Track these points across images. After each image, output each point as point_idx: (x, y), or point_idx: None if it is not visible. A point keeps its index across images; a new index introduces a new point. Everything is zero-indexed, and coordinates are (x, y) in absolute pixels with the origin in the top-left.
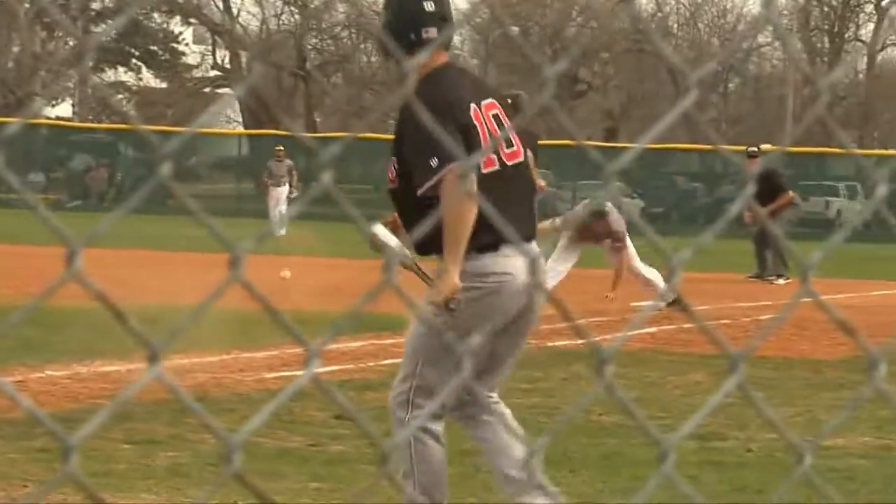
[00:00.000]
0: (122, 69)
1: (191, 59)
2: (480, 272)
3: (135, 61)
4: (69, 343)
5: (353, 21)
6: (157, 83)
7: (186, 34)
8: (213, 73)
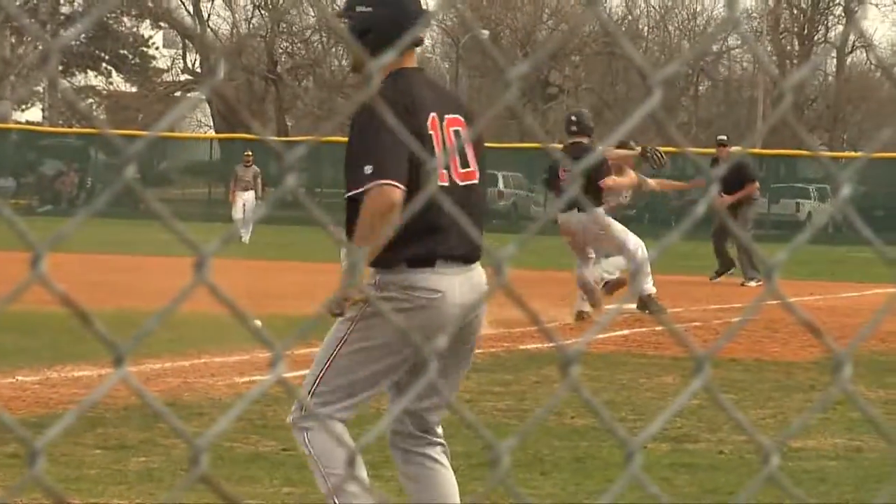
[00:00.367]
0: (92, 73)
1: (161, 63)
2: (408, 286)
3: (105, 65)
4: (40, 348)
5: (324, 24)
6: (128, 87)
7: (156, 38)
8: (184, 77)
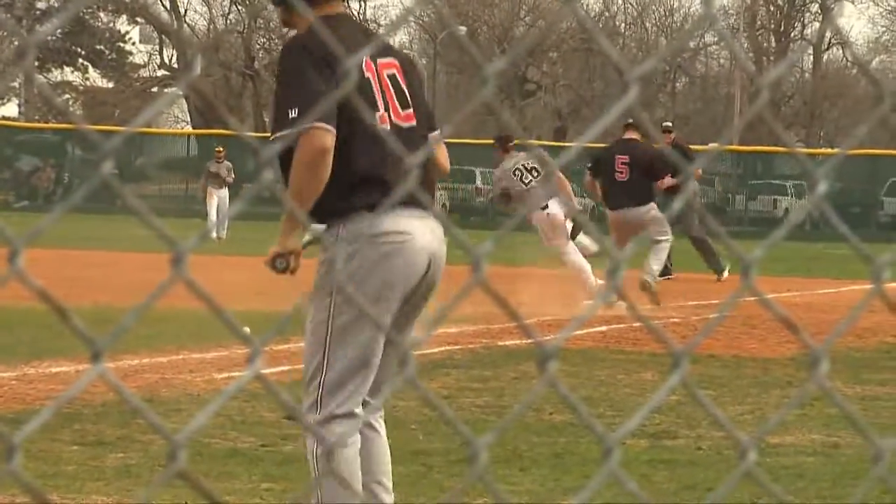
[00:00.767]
0: (68, 69)
1: (138, 59)
2: (376, 231)
3: (81, 61)
4: (16, 344)
5: None
6: (104, 83)
7: (133, 33)
8: (161, 72)
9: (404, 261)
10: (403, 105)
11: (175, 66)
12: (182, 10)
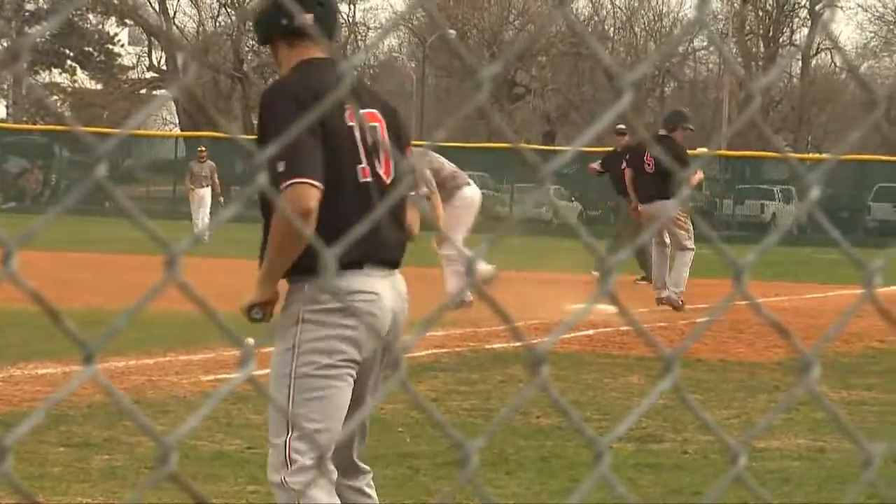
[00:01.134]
0: (56, 71)
1: (126, 61)
2: (343, 289)
3: (70, 63)
4: (5, 345)
5: None
6: (93, 85)
7: (122, 35)
8: (150, 74)
9: (370, 321)
10: (385, 160)
11: (164, 68)
12: (171, 13)
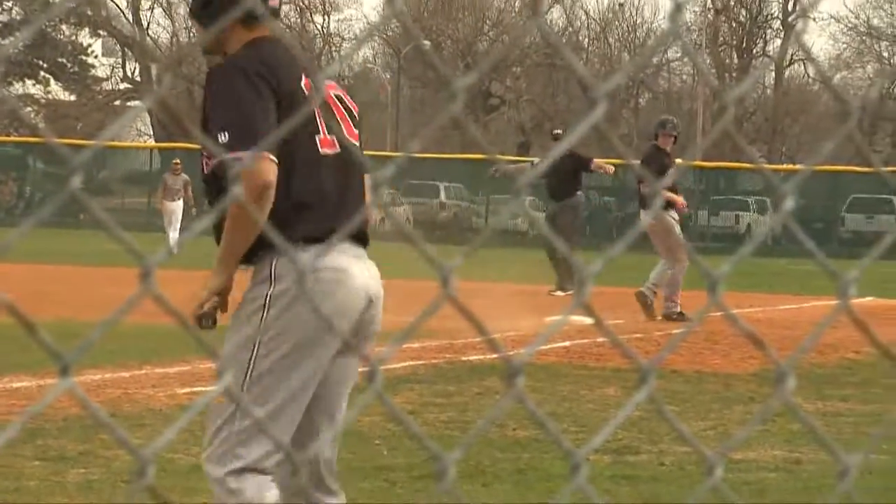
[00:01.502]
0: (30, 82)
1: (100, 72)
2: (309, 266)
3: (43, 74)
4: None
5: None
6: (67, 96)
7: (96, 46)
8: (124, 85)
9: (343, 298)
10: (354, 125)
11: (138, 79)
12: (145, 24)
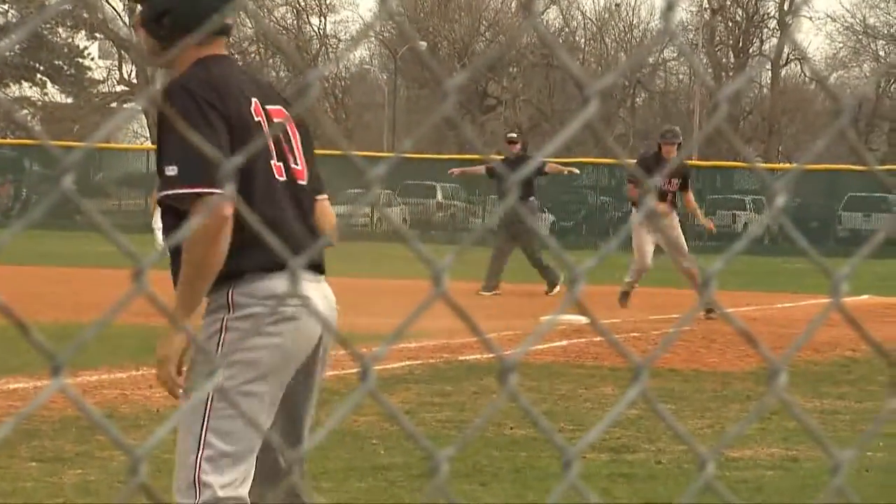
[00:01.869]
0: (26, 84)
1: (97, 74)
2: (270, 294)
3: (40, 76)
4: None
5: (261, 36)
6: (63, 98)
7: (92, 49)
8: (120, 87)
9: (303, 327)
10: (297, 157)
11: (134, 81)
12: None
